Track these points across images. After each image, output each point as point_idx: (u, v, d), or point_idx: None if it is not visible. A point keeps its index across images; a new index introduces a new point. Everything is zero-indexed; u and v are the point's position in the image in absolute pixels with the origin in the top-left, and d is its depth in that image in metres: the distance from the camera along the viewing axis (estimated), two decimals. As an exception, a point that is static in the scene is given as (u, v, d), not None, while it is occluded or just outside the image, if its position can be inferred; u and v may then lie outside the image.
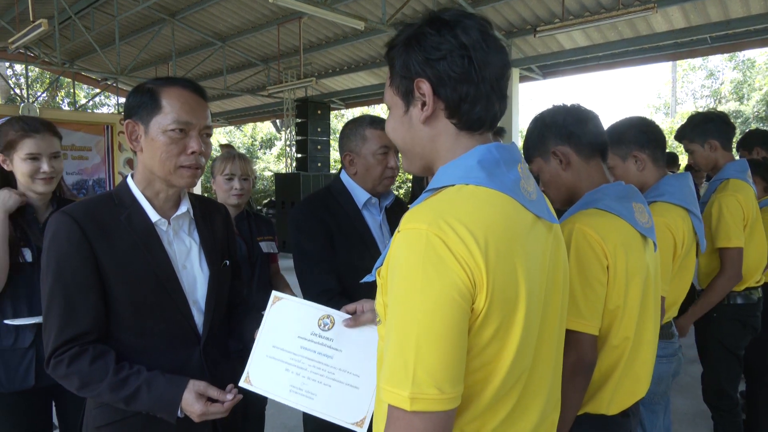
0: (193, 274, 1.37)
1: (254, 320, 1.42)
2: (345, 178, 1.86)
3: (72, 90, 16.27)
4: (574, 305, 1.25)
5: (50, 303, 1.22)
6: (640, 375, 1.40)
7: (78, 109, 14.79)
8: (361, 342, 1.29)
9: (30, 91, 17.66)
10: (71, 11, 9.36)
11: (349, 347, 1.30)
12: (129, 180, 1.34)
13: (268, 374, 1.30)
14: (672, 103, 23.95)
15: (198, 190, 7.91)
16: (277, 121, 19.58)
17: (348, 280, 1.70)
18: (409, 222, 0.82)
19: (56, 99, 19.62)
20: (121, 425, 1.27)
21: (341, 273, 1.72)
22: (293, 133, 11.68)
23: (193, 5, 9.63)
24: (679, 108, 23.05)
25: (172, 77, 1.33)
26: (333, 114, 14.06)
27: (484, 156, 0.89)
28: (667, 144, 2.18)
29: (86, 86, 18.32)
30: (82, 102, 18.43)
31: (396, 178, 1.89)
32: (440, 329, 0.77)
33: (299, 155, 11.12)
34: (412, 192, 3.48)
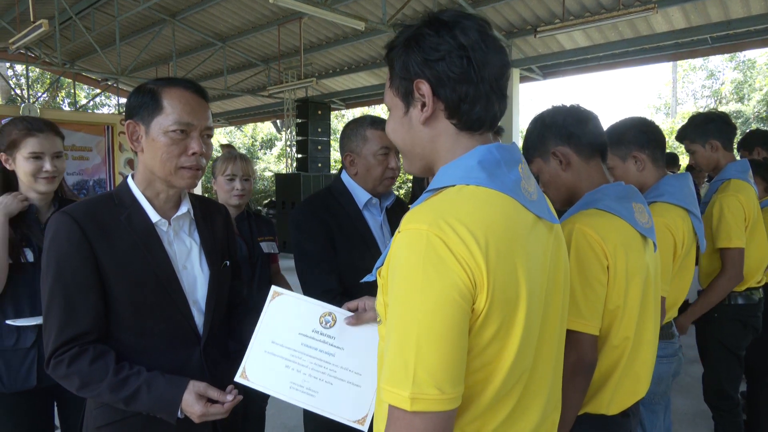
0: (194, 275, 1.37)
1: (254, 321, 1.41)
2: (346, 179, 1.86)
3: (72, 90, 16.28)
4: (575, 305, 1.25)
5: (50, 303, 1.22)
6: (640, 375, 1.40)
7: (78, 110, 14.78)
8: (363, 340, 1.29)
9: (30, 92, 17.67)
10: (72, 12, 9.36)
11: (351, 345, 1.29)
12: (129, 180, 1.34)
13: (267, 370, 1.29)
14: (672, 104, 23.95)
15: (198, 191, 7.91)
16: (278, 122, 19.58)
17: (349, 281, 1.70)
18: (410, 222, 0.82)
19: (57, 99, 19.63)
20: (121, 425, 1.27)
21: (342, 273, 1.72)
22: (294, 134, 11.69)
23: (194, 6, 9.64)
24: (680, 108, 23.05)
25: (174, 78, 1.33)
26: (333, 114, 14.06)
27: (485, 156, 0.89)
28: (668, 144, 2.18)
29: (87, 87, 18.36)
30: (83, 102, 18.44)
31: (397, 179, 1.89)
32: (440, 329, 0.77)
33: (300, 155, 11.13)
34: (413, 192, 3.47)
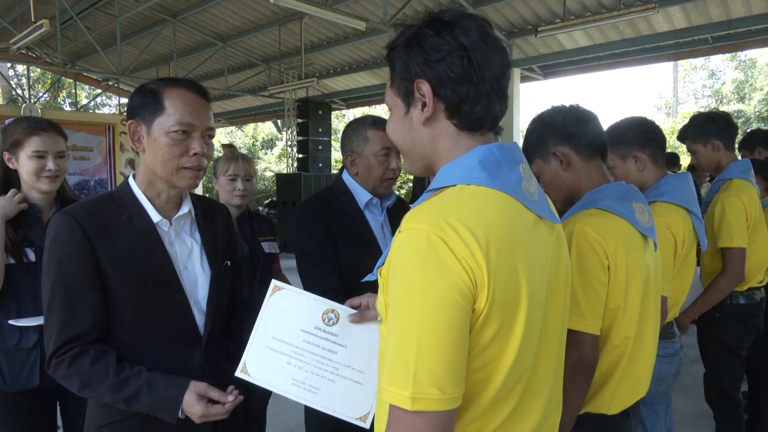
0: (195, 275, 1.37)
1: (254, 321, 1.41)
2: (347, 179, 1.86)
3: (73, 90, 16.31)
4: (576, 305, 1.25)
5: (51, 303, 1.23)
6: (641, 375, 1.40)
7: (79, 110, 14.81)
8: (366, 338, 1.28)
9: (31, 92, 17.65)
10: (73, 12, 9.37)
11: (354, 343, 1.29)
12: (130, 180, 1.34)
13: (268, 365, 1.28)
14: (673, 103, 23.91)
15: (199, 191, 7.92)
16: (279, 122, 19.58)
17: (350, 280, 1.70)
18: (410, 222, 0.82)
19: (58, 99, 19.63)
20: (122, 425, 1.27)
21: (343, 273, 1.72)
22: (294, 134, 11.70)
23: (195, 6, 9.64)
24: (681, 108, 23.02)
25: (175, 78, 1.33)
26: (334, 114, 14.08)
27: (486, 156, 0.89)
28: (669, 144, 2.18)
29: (88, 87, 18.35)
30: (84, 102, 18.45)
31: (397, 179, 1.89)
32: (441, 329, 0.77)
33: (300, 155, 11.13)
34: (413, 192, 3.47)
